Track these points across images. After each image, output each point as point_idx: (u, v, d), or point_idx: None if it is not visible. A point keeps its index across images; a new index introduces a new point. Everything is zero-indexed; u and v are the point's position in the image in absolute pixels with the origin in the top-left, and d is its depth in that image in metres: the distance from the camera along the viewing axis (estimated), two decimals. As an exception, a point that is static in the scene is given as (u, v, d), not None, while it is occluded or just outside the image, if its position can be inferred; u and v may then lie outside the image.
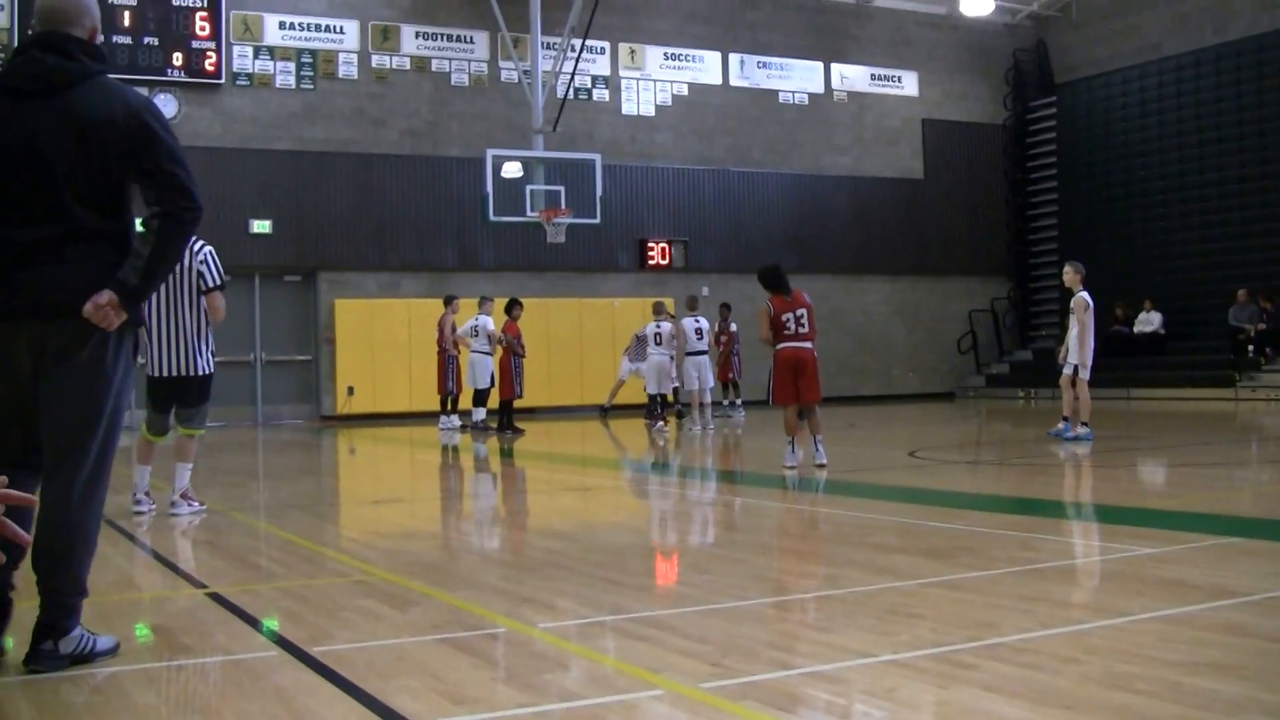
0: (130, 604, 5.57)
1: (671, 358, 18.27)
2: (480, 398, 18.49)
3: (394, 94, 23.19)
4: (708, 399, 18.31)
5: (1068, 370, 13.45)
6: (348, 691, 3.79)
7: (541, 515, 9.22)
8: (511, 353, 17.64)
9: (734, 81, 26.27)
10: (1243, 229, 24.67)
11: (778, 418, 11.69)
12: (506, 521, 8.89)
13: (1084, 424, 13.45)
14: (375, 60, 23.08)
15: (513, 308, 17.96)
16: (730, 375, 20.91)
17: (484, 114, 23.75)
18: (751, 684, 3.78)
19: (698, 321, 18.36)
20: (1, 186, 4.07)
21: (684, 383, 18.22)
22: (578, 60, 22.20)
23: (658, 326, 18.04)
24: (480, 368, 18.24)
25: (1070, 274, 13.44)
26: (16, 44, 20.26)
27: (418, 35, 23.45)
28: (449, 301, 19.26)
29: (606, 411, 20.79)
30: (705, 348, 18.26)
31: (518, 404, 18.15)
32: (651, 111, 25.44)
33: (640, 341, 19.02)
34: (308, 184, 22.39)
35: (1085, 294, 13.38)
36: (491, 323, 18.10)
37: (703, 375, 17.97)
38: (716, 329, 20.57)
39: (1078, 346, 13.31)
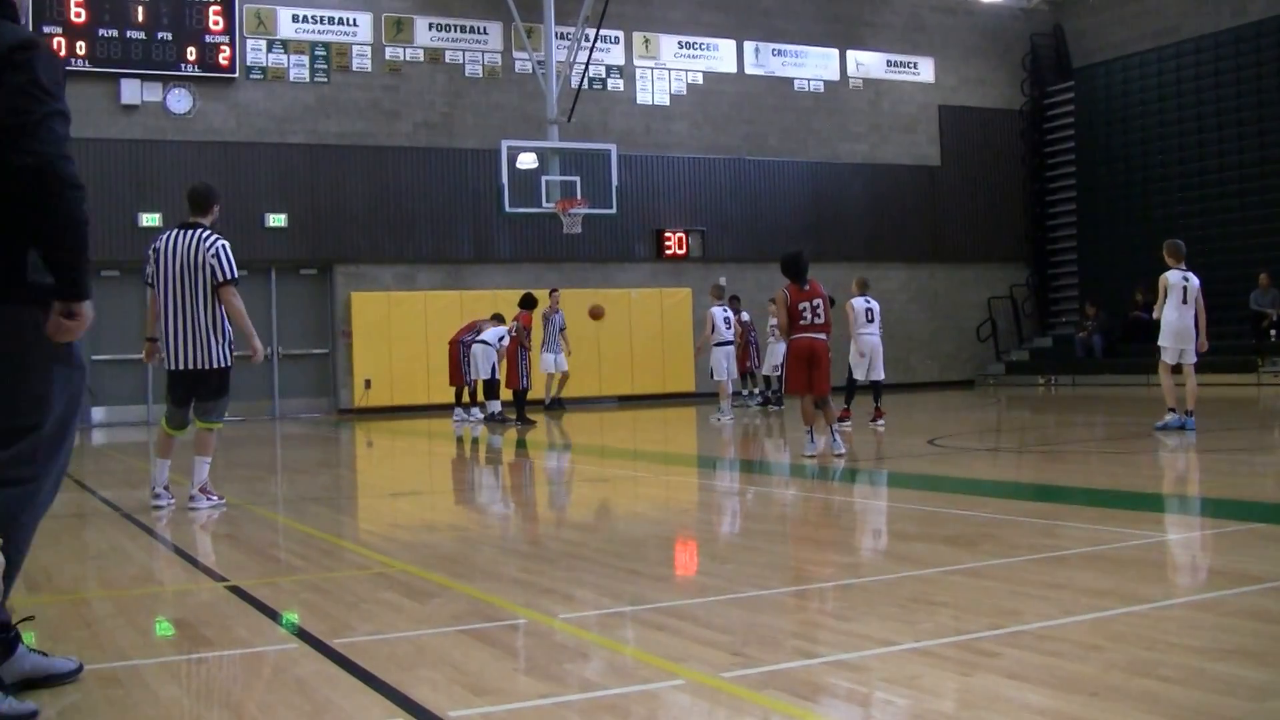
0: (151, 598, 5.59)
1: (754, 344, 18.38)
2: (490, 389, 18.57)
3: (408, 86, 23.19)
4: (729, 389, 18.34)
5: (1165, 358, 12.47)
6: (368, 683, 3.79)
7: (560, 506, 9.21)
8: (519, 344, 17.68)
9: (749, 70, 26.18)
10: (1263, 212, 24.45)
11: (797, 406, 11.67)
12: (525, 513, 8.89)
13: (1171, 409, 12.51)
14: (389, 52, 23.08)
15: (528, 302, 18.03)
16: (748, 365, 20.91)
17: (498, 105, 23.73)
18: (773, 673, 3.76)
19: (725, 311, 18.40)
20: None
21: (713, 372, 18.26)
22: (591, 50, 22.15)
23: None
24: (483, 359, 18.36)
25: (1165, 253, 12.51)
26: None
27: (431, 27, 23.43)
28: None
29: (559, 405, 20.70)
30: (733, 337, 18.42)
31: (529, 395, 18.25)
32: (666, 101, 25.37)
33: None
34: (323, 177, 22.42)
35: (1168, 273, 12.45)
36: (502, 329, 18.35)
37: (731, 365, 18.18)
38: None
39: (1163, 327, 12.41)
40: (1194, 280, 12.55)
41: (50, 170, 3.44)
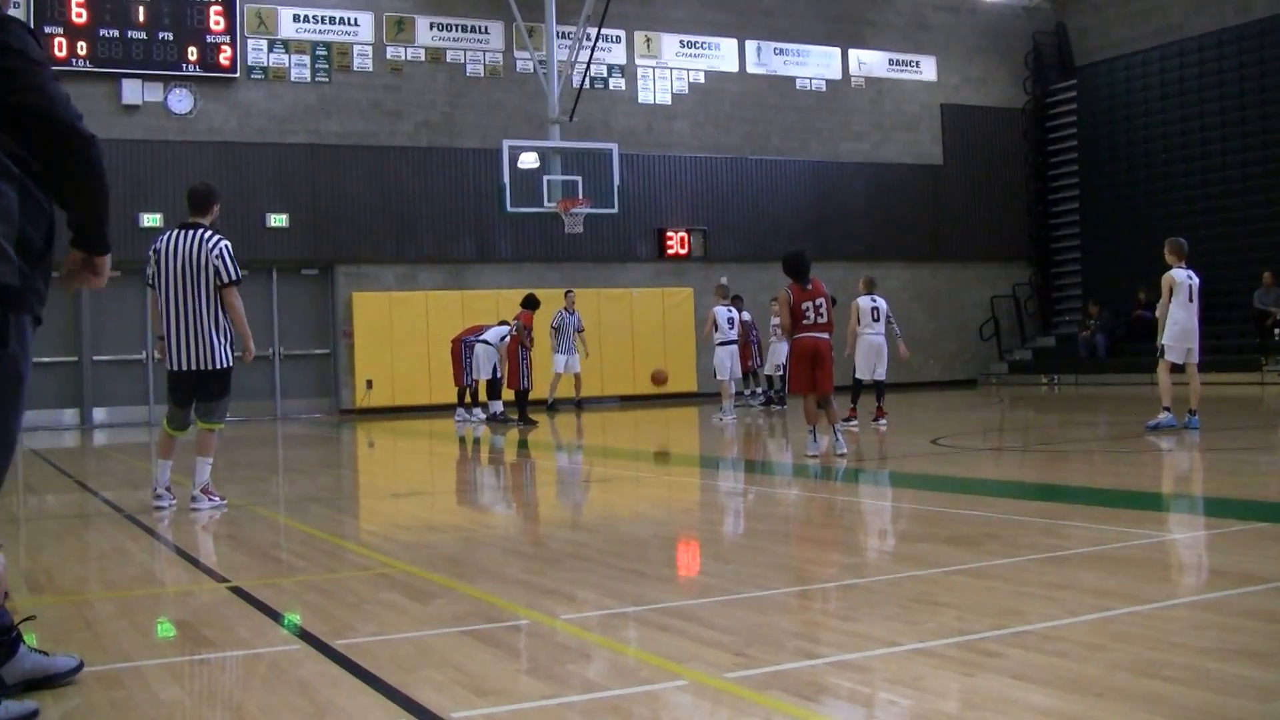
0: (153, 598, 5.58)
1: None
2: (493, 389, 18.55)
3: (409, 86, 23.18)
4: (732, 389, 18.34)
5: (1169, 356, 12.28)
6: (371, 684, 3.78)
7: (561, 507, 9.20)
8: (519, 344, 17.65)
9: (751, 69, 26.16)
10: (1267, 211, 24.40)
11: (799, 406, 11.66)
12: (527, 513, 8.88)
13: (1166, 409, 12.28)
14: (390, 52, 23.07)
15: (530, 302, 17.97)
16: (750, 364, 20.89)
17: (500, 105, 23.72)
18: (776, 673, 3.75)
19: (729, 310, 18.43)
20: None
21: (716, 372, 18.28)
22: (593, 49, 22.13)
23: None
24: (484, 359, 18.33)
25: (1166, 251, 12.35)
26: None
27: (432, 26, 23.42)
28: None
29: (551, 406, 20.64)
30: (736, 337, 18.46)
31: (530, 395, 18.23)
32: (668, 100, 25.35)
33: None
34: (324, 177, 22.41)
35: (1173, 271, 12.26)
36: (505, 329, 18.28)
37: (734, 364, 18.19)
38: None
39: (1169, 326, 12.23)
40: (1196, 279, 12.50)
41: (65, 127, 3.41)
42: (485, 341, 18.44)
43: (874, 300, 15.08)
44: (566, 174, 20.68)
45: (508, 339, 18.01)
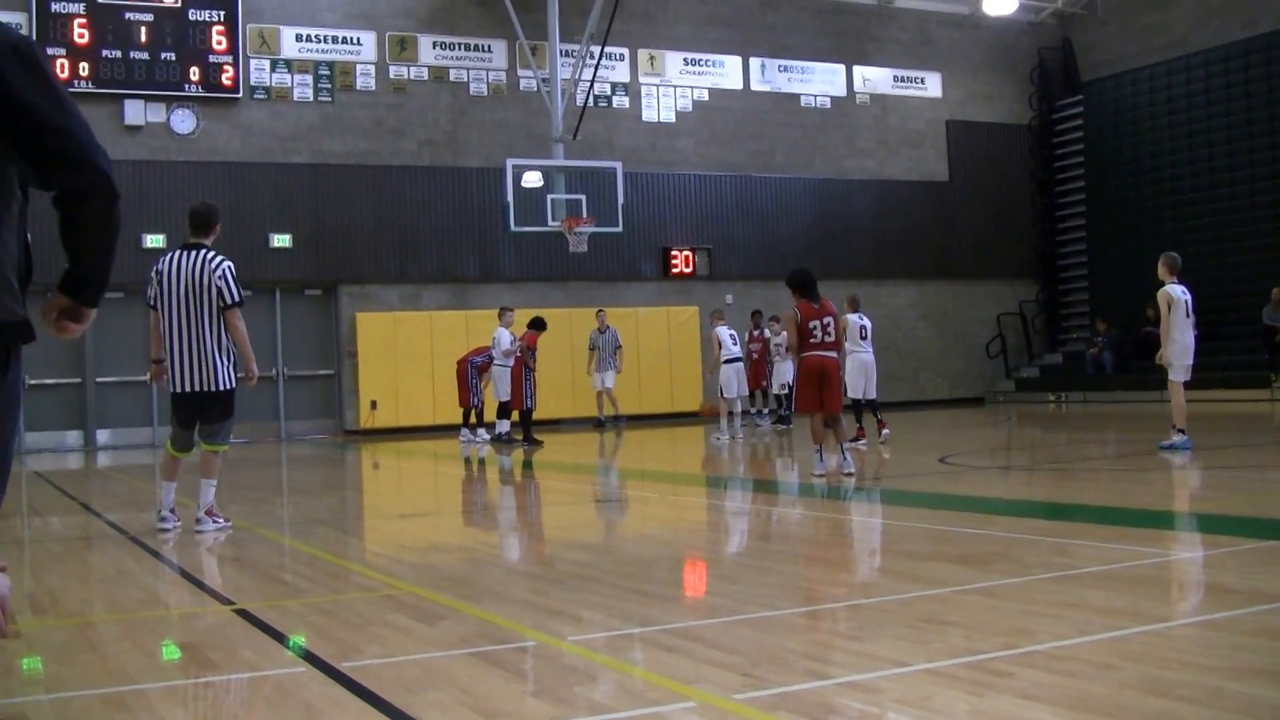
0: (157, 621, 5.56)
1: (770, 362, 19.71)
2: (503, 410, 18.51)
3: (412, 105, 23.22)
4: (738, 408, 18.30)
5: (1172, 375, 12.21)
6: (377, 706, 3.76)
7: (568, 527, 9.18)
8: (522, 364, 17.58)
9: (755, 86, 26.20)
10: (1276, 226, 24.34)
11: (805, 424, 11.63)
12: (533, 534, 8.85)
13: (1178, 429, 12.01)
14: (393, 71, 23.12)
15: (536, 323, 17.80)
16: (764, 383, 20.82)
17: (503, 123, 23.76)
18: (785, 695, 3.72)
19: (730, 330, 18.44)
20: None
21: (722, 390, 18.25)
22: (597, 67, 22.17)
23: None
24: (500, 380, 18.25)
25: (1160, 266, 12.30)
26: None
27: (435, 45, 23.48)
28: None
29: (617, 422, 20.91)
30: (740, 353, 18.47)
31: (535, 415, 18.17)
32: (672, 118, 25.39)
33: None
34: (327, 197, 22.43)
35: (1170, 287, 12.16)
36: (507, 335, 17.96)
37: (741, 382, 18.19)
38: (748, 336, 20.73)
39: (1171, 345, 12.18)
40: (1188, 294, 12.49)
41: (108, 184, 3.19)
42: (503, 365, 18.20)
43: (861, 319, 15.05)
44: (570, 193, 20.70)
45: (514, 344, 17.81)
